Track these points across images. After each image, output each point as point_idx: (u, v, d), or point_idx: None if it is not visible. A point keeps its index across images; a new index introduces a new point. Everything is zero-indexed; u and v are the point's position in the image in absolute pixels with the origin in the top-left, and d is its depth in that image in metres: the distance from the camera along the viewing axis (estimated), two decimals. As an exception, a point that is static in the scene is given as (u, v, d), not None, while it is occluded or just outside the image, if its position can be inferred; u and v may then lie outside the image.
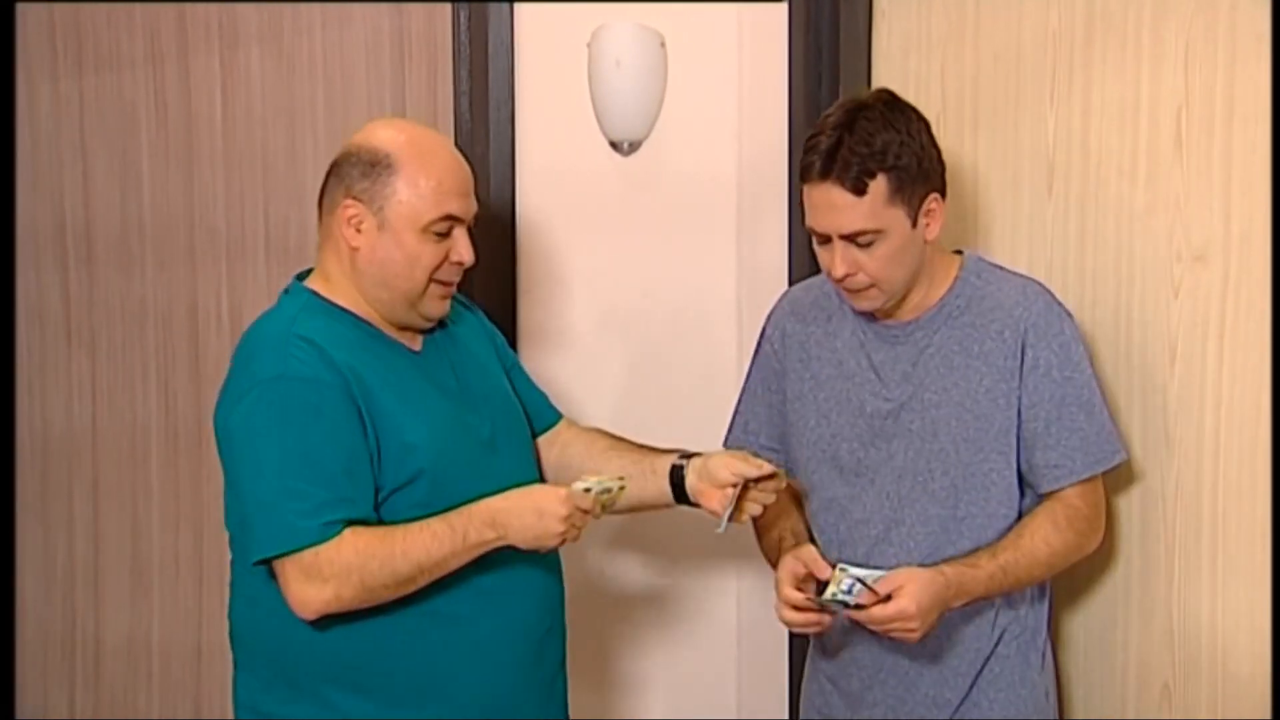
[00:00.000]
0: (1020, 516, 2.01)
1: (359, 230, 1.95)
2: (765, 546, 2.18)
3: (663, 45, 2.51)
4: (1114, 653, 2.15)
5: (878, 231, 1.94)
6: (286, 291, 2.04)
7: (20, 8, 2.99)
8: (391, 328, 2.02)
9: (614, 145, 2.55)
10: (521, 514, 1.88)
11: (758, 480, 2.01)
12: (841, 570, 1.95)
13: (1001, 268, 2.07)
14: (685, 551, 2.63)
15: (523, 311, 2.63)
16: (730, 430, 2.26)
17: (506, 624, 2.00)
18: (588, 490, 1.93)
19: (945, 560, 1.96)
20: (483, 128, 2.59)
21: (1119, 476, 2.11)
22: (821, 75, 2.47)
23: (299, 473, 1.84)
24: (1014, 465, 2.00)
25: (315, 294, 2.00)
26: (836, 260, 1.97)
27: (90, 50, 2.99)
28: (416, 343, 2.05)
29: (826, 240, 1.98)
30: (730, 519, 2.02)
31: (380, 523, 1.89)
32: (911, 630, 1.89)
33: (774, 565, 2.10)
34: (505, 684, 2.02)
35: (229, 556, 2.01)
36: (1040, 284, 2.03)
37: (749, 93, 2.54)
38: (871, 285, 1.99)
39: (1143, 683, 2.11)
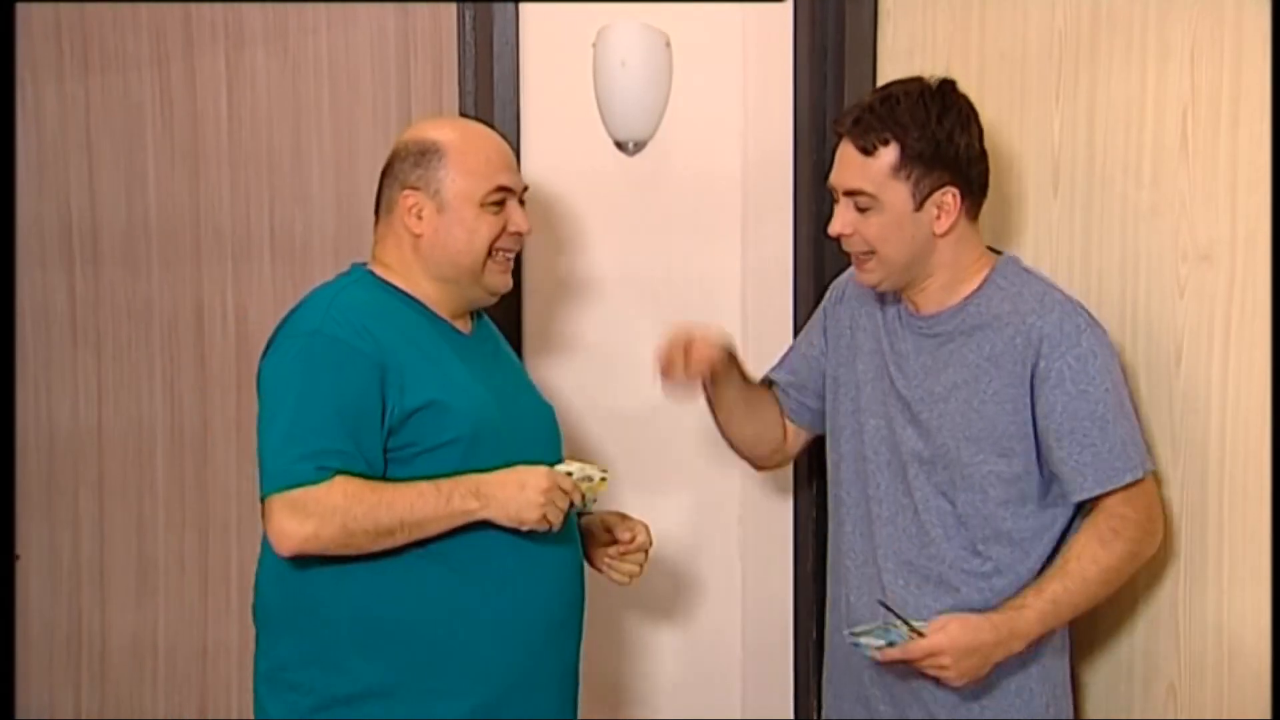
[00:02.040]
0: (1042, 522, 2.00)
1: (420, 217, 2.06)
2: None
3: (668, 45, 2.51)
4: (1119, 652, 2.15)
5: (873, 198, 1.98)
6: (344, 273, 2.14)
7: (25, 8, 2.99)
8: (445, 310, 2.10)
9: (619, 145, 2.55)
10: (504, 485, 1.95)
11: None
12: (885, 610, 1.98)
13: (1032, 273, 2.06)
14: (688, 549, 2.63)
15: (528, 311, 2.63)
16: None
17: (529, 600, 2.04)
18: (570, 474, 2.00)
19: (992, 609, 1.96)
20: (488, 127, 2.59)
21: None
22: (826, 75, 2.47)
23: (305, 421, 1.93)
24: (1021, 470, 1.99)
25: (371, 271, 2.10)
26: (835, 216, 2.03)
27: (96, 50, 3.00)
28: (467, 328, 2.14)
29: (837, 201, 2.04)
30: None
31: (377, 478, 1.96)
32: (944, 667, 1.91)
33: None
34: (523, 664, 2.05)
35: (234, 554, 2.03)
36: (1064, 295, 2.01)
37: (754, 93, 2.54)
38: (871, 254, 2.02)
39: (1148, 682, 2.11)
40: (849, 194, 2.00)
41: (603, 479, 2.03)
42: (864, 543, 2.12)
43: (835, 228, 2.04)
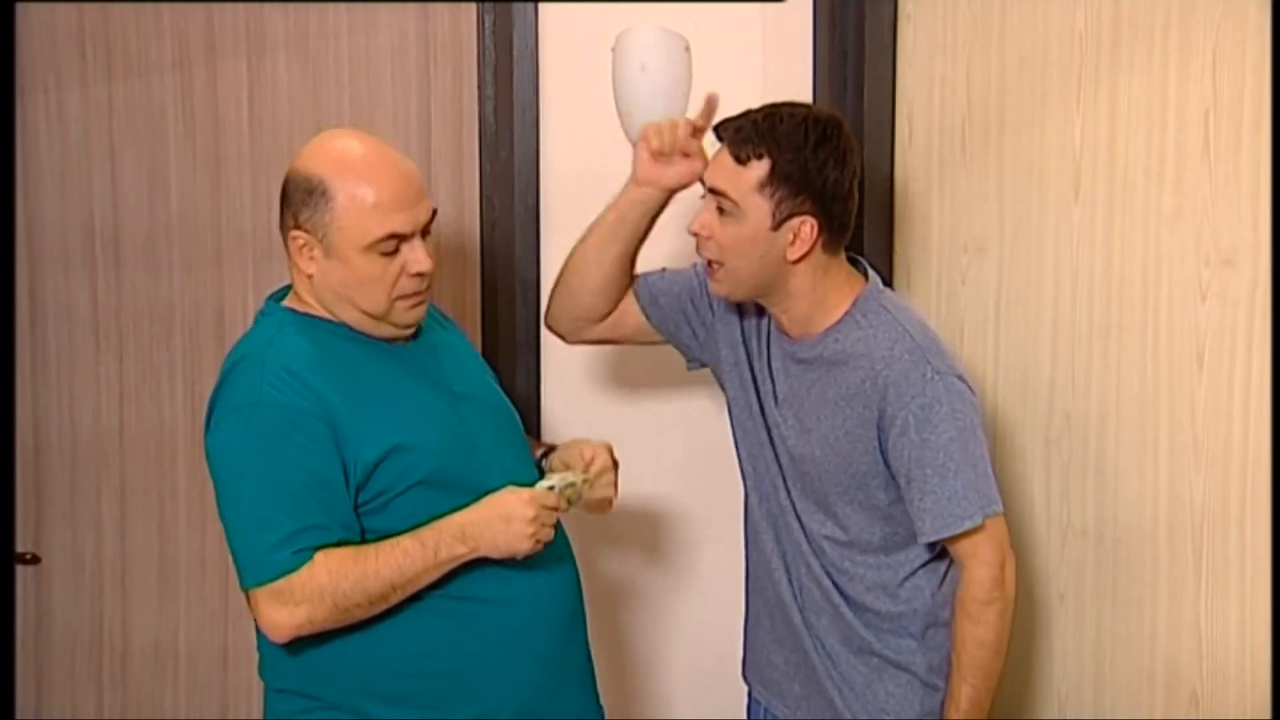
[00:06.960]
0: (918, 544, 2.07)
1: (311, 258, 1.97)
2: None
3: (687, 50, 2.50)
4: (1141, 659, 2.13)
5: (736, 205, 2.02)
6: (262, 313, 2.05)
7: (49, 11, 3.01)
8: (374, 332, 2.02)
9: (639, 149, 2.54)
10: (490, 524, 1.91)
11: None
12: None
13: (890, 310, 2.08)
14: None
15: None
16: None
17: (537, 606, 2.03)
18: (551, 488, 1.98)
19: None
20: (507, 131, 2.60)
21: (1145, 482, 2.09)
22: (846, 80, 2.47)
23: (270, 501, 1.87)
24: (883, 502, 2.05)
25: (291, 310, 2.01)
26: (698, 214, 2.07)
27: (119, 55, 3.01)
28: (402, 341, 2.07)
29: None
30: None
31: (356, 542, 1.91)
32: None
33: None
34: (537, 678, 2.04)
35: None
36: (917, 339, 2.03)
37: (774, 98, 2.52)
38: (720, 264, 2.06)
39: (1170, 689, 2.10)
40: (715, 192, 2.04)
41: (585, 480, 2.04)
42: (772, 592, 2.18)
43: (694, 225, 2.07)
